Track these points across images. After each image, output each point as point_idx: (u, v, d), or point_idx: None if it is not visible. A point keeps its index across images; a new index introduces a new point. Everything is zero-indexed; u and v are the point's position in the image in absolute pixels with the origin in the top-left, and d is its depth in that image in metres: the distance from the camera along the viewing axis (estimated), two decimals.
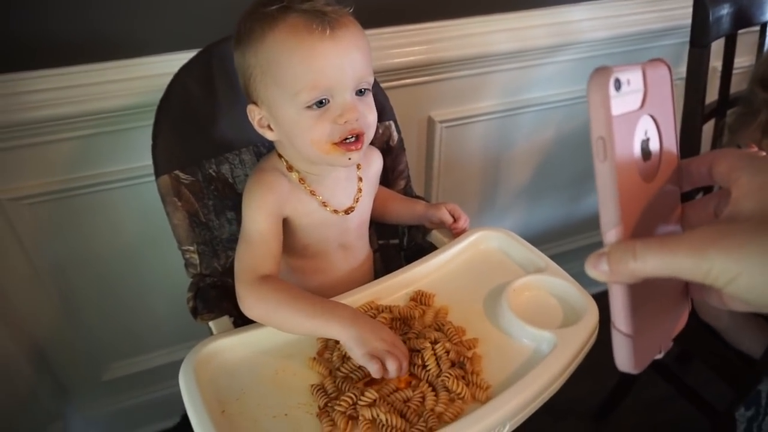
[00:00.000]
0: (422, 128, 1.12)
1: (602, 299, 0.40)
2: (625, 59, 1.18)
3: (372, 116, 0.63)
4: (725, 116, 0.96)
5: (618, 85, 0.27)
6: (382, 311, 0.63)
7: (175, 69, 0.70)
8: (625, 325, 0.29)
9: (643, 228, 0.29)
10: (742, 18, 0.87)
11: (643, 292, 0.29)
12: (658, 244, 0.27)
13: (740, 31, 0.91)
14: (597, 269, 0.29)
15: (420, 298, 0.66)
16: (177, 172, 0.68)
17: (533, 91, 1.16)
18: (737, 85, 1.01)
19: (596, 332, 0.59)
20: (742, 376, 0.87)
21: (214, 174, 0.71)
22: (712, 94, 0.96)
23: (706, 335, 0.94)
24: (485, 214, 1.32)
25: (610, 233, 0.28)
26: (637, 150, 0.29)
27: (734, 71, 0.98)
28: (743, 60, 1.05)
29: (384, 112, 0.79)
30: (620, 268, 0.28)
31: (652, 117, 0.29)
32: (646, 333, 0.30)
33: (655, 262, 0.27)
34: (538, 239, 1.45)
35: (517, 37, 1.05)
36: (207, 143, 0.71)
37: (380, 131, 0.80)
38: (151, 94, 0.76)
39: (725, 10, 0.80)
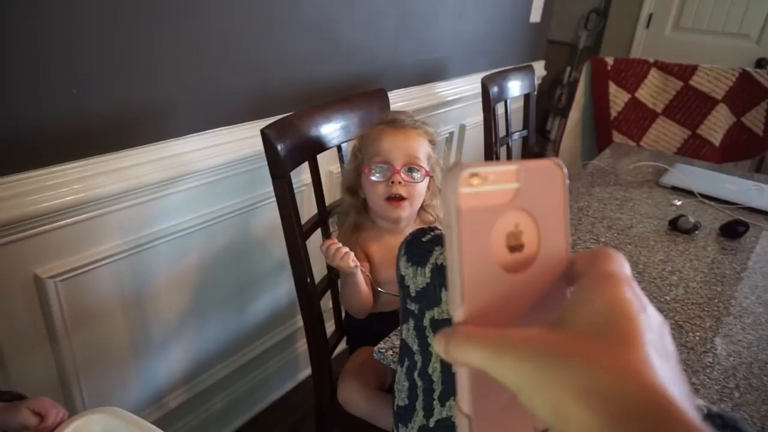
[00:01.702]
0: (28, 289, 0.96)
1: None
2: (250, 177, 1.26)
3: None
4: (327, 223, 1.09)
5: (474, 179, 0.27)
6: None
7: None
8: (465, 405, 0.28)
9: (507, 319, 0.28)
10: (314, 146, 1.00)
11: (491, 377, 0.26)
12: (480, 336, 0.26)
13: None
14: (437, 346, 0.28)
15: None
16: None
17: (161, 223, 1.13)
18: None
19: None
20: None
21: None
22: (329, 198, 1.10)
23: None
24: (143, 356, 1.21)
25: (454, 314, 0.28)
26: (498, 240, 0.28)
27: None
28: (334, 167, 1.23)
29: None
30: (448, 350, 0.27)
31: (526, 211, 0.29)
32: (493, 416, 0.29)
33: (469, 354, 0.26)
34: (215, 357, 1.41)
35: (123, 176, 1.01)
36: None
37: None
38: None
39: (290, 144, 0.92)
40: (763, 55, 2.73)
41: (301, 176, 1.32)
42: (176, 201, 1.14)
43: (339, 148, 1.09)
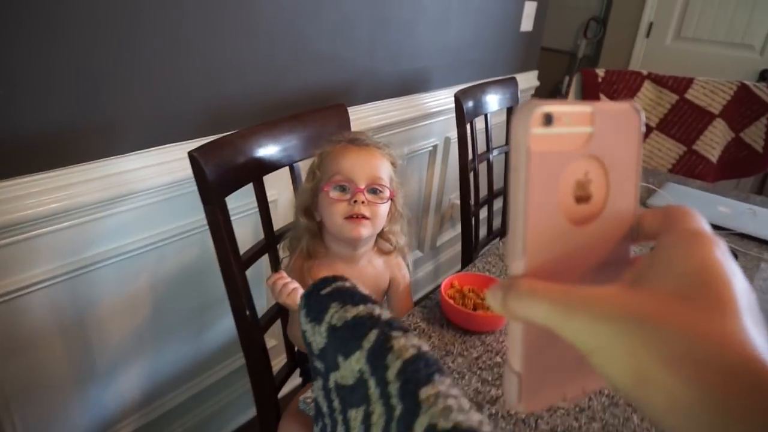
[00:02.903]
0: None
1: None
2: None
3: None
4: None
5: (549, 120, 0.25)
6: None
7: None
8: (516, 362, 0.27)
9: (569, 274, 0.26)
10: (260, 167, 0.93)
11: (545, 335, 0.25)
12: (548, 290, 0.24)
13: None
14: (493, 299, 0.26)
15: None
16: None
17: (104, 244, 1.06)
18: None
19: None
20: None
21: None
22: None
23: None
24: (87, 384, 1.14)
25: (513, 265, 0.26)
26: (566, 189, 0.26)
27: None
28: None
29: None
30: (507, 303, 0.25)
31: (598, 159, 0.27)
32: (543, 375, 0.27)
33: (532, 309, 0.24)
34: (171, 383, 1.33)
35: (59, 196, 0.95)
36: None
37: None
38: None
39: (226, 166, 0.85)
40: (766, 66, 2.63)
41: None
42: (121, 221, 1.07)
43: (292, 168, 1.02)
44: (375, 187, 0.93)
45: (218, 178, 0.83)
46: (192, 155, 0.79)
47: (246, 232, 1.27)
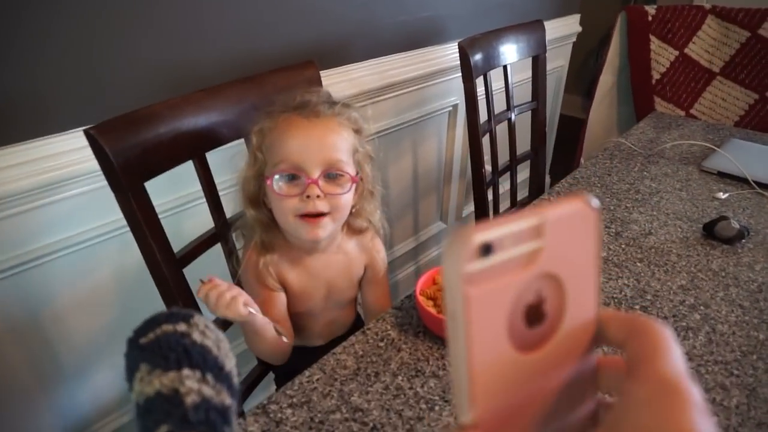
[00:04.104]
0: None
1: None
2: (172, 174, 1.05)
3: None
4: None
5: (487, 250, 0.21)
6: None
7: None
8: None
9: (528, 408, 0.24)
10: (199, 143, 0.77)
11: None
12: None
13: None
14: None
15: None
16: None
17: (51, 235, 0.94)
18: None
19: None
20: None
21: None
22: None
23: None
24: (58, 385, 1.05)
25: (462, 417, 0.23)
26: (515, 320, 0.23)
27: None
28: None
29: None
30: None
31: (551, 275, 0.23)
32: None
33: None
34: None
35: None
36: None
37: None
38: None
39: (146, 144, 0.69)
40: None
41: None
42: (67, 209, 0.94)
43: (249, 142, 0.85)
44: (333, 172, 0.73)
45: (133, 159, 0.67)
46: (89, 134, 0.63)
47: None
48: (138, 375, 0.30)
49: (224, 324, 0.84)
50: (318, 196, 0.71)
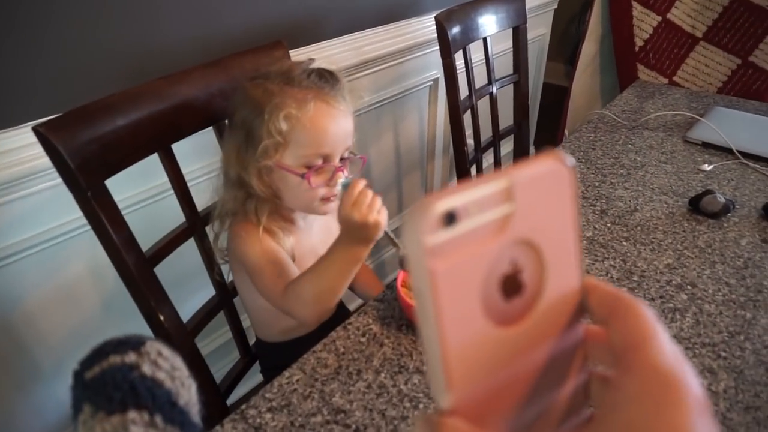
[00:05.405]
0: None
1: None
2: (142, 165, 1.00)
3: None
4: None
5: (451, 218, 0.19)
6: None
7: None
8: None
9: (512, 388, 0.22)
10: (164, 135, 0.73)
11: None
12: None
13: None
14: None
15: None
16: None
17: (17, 233, 0.90)
18: None
19: None
20: None
21: None
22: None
23: None
24: (36, 385, 1.02)
25: (439, 399, 0.21)
26: (490, 293, 0.21)
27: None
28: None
29: None
30: None
31: (525, 241, 0.21)
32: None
33: None
34: None
35: None
36: None
37: None
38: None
39: (95, 145, 0.64)
40: None
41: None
42: (31, 206, 0.90)
43: (219, 129, 0.81)
44: (349, 156, 0.76)
45: (90, 157, 0.63)
46: (39, 132, 0.59)
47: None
48: (81, 417, 0.28)
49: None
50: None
